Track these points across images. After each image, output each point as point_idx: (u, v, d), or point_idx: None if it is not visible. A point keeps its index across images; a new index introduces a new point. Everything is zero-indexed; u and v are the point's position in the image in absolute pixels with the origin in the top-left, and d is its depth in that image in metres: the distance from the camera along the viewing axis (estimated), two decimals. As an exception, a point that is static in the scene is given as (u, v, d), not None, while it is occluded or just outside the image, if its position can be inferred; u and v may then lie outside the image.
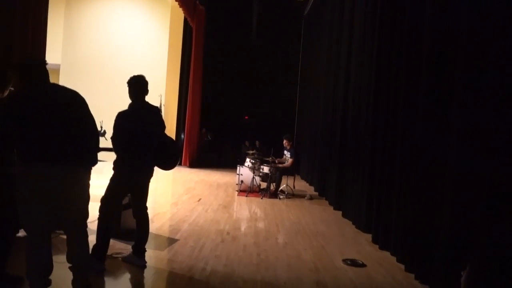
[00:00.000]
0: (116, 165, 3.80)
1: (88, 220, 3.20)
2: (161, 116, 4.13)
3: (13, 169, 3.13)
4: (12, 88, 3.51)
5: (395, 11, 5.27)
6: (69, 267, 3.04)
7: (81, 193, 3.01)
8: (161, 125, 4.05)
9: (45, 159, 2.78)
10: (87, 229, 3.15)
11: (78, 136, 2.93)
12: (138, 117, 3.82)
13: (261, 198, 8.38)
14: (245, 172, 8.94)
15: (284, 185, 9.13)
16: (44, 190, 2.79)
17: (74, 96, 3.03)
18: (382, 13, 5.76)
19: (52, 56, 9.37)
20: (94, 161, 3.08)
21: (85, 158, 3.00)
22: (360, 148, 6.43)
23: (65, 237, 3.12)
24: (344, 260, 4.59)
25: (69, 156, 2.85)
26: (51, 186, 2.80)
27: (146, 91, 3.92)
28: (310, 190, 10.16)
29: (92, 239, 3.84)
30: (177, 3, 11.56)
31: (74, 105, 3.00)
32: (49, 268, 2.93)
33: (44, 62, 3.02)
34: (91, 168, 3.10)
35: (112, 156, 3.84)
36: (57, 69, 12.99)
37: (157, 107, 4.06)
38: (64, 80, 12.55)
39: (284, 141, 9.43)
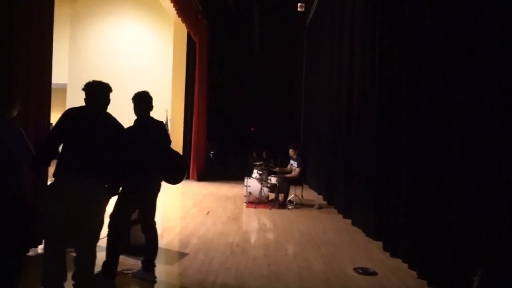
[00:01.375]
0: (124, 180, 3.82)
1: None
2: (166, 130, 4.17)
3: (20, 188, 3.20)
4: (20, 107, 3.58)
5: (395, 17, 5.30)
6: (72, 285, 3.16)
7: (98, 213, 3.19)
8: (167, 139, 4.08)
9: (78, 172, 3.04)
10: (96, 250, 3.27)
11: (109, 163, 3.20)
12: (144, 132, 3.86)
13: (270, 209, 8.35)
14: (253, 183, 8.93)
15: (293, 195, 9.09)
16: (67, 201, 2.99)
17: (120, 127, 3.36)
18: (382, 20, 5.79)
19: (59, 76, 9.50)
20: (116, 190, 3.41)
21: (110, 184, 3.26)
22: (365, 155, 6.41)
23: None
24: (355, 269, 4.55)
25: (98, 173, 3.12)
26: (75, 197, 3.01)
27: (150, 107, 3.97)
28: (318, 199, 10.11)
29: (102, 256, 3.87)
30: (179, 18, 11.69)
31: (117, 136, 3.31)
32: (63, 276, 3.13)
33: (106, 88, 3.32)
34: (111, 197, 3.34)
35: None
36: (64, 89, 13.17)
37: (162, 121, 4.10)
38: (72, 99, 12.69)
39: (290, 151, 9.41)
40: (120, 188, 3.84)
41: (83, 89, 3.27)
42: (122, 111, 7.33)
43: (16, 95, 3.44)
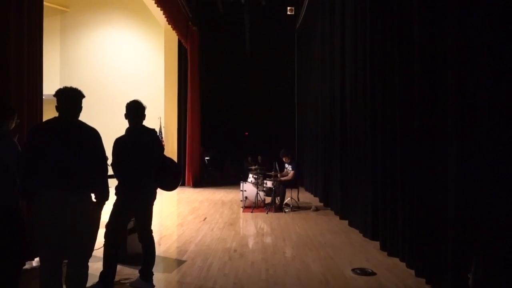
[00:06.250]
0: (118, 190, 3.82)
1: (95, 247, 3.23)
2: (158, 137, 4.16)
3: (15, 202, 3.19)
4: (18, 120, 3.59)
5: (385, 19, 5.34)
6: None
7: (86, 226, 3.09)
8: (159, 146, 4.08)
9: (57, 186, 2.92)
10: (88, 264, 3.20)
11: (90, 170, 3.08)
12: (135, 140, 3.86)
13: (267, 213, 8.34)
14: (248, 188, 8.92)
15: (289, 198, 9.10)
16: (54, 215, 2.91)
17: (92, 133, 3.18)
18: (372, 22, 5.84)
19: (51, 87, 9.48)
20: (106, 195, 3.23)
21: (96, 193, 3.15)
22: (360, 156, 6.44)
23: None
24: (354, 270, 4.55)
25: (79, 185, 3.01)
26: (61, 211, 2.92)
27: (143, 116, 3.96)
28: (315, 201, 10.12)
29: (99, 266, 3.85)
30: (170, 26, 11.71)
31: (91, 142, 3.14)
32: None
33: (76, 95, 3.15)
34: (103, 204, 3.22)
35: (115, 182, 3.85)
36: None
37: (153, 129, 4.09)
38: (64, 109, 12.65)
39: (282, 158, 9.44)
40: (115, 197, 3.84)
41: (55, 95, 3.11)
42: (115, 120, 7.36)
43: (14, 107, 3.42)
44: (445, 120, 3.79)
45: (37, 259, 4.42)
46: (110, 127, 6.74)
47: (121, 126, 4.07)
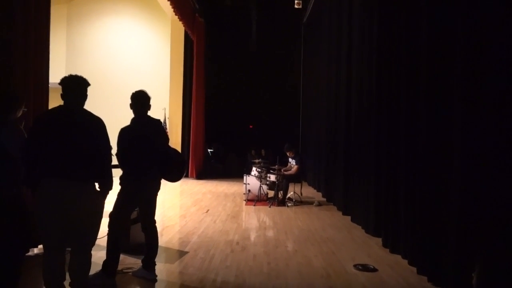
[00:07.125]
0: (122, 180, 3.83)
1: (98, 236, 3.25)
2: (163, 128, 4.16)
3: (18, 189, 3.20)
4: (25, 109, 3.59)
5: (393, 13, 5.29)
6: (69, 283, 3.16)
7: (89, 216, 3.09)
8: (164, 137, 4.08)
9: (60, 175, 2.93)
10: (91, 253, 3.23)
11: (94, 160, 3.07)
12: (140, 131, 3.85)
13: (269, 207, 8.35)
14: (252, 181, 8.93)
15: (292, 193, 9.10)
16: (57, 204, 2.92)
17: (96, 122, 3.16)
18: (380, 17, 5.78)
19: (57, 75, 9.48)
20: (110, 185, 3.23)
21: (100, 182, 3.16)
22: (364, 151, 6.42)
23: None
24: (356, 265, 4.56)
25: (83, 175, 3.01)
26: (64, 200, 2.93)
27: (148, 106, 3.95)
28: (318, 196, 10.12)
29: (102, 255, 3.87)
30: (176, 17, 11.67)
31: (95, 131, 3.12)
32: (62, 275, 3.10)
33: (81, 83, 3.15)
34: (107, 193, 3.22)
35: (120, 172, 3.86)
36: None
37: (158, 119, 4.09)
38: (69, 98, 12.66)
39: (286, 153, 9.44)
40: (120, 187, 3.85)
41: (60, 83, 3.11)
42: (120, 110, 7.37)
43: (20, 96, 3.43)
44: (450, 116, 3.77)
45: (40, 246, 4.45)
46: (115, 117, 6.74)
47: (126, 116, 4.07)
